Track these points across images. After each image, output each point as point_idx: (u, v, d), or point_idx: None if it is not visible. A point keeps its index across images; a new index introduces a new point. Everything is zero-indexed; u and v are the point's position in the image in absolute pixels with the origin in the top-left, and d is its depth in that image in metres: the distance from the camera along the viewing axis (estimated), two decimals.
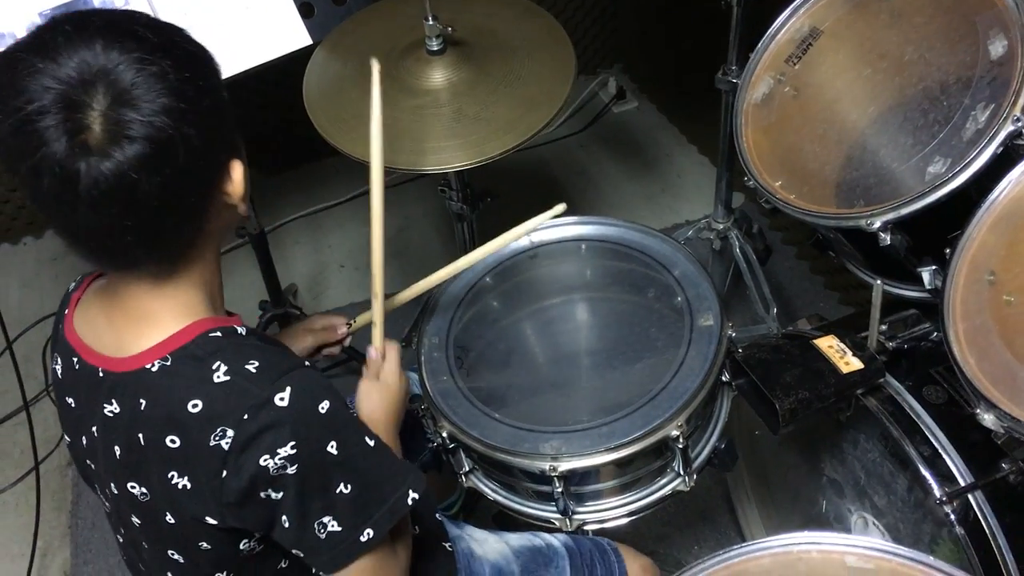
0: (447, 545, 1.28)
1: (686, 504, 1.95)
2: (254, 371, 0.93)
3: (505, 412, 1.32)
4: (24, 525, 2.11)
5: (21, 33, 1.48)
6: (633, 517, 1.34)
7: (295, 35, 1.65)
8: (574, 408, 1.32)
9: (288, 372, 0.93)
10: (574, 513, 1.33)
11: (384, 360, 1.22)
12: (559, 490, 1.27)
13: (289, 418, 0.91)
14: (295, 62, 1.67)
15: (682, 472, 1.32)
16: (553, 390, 1.36)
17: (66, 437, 1.10)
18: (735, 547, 1.04)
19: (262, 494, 0.92)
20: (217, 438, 0.90)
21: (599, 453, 1.24)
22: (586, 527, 1.34)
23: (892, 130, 1.32)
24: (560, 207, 1.31)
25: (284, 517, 0.94)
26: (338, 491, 0.95)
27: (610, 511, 1.34)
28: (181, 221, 0.92)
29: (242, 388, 0.92)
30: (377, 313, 1.26)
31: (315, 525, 0.95)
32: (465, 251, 1.78)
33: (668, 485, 1.34)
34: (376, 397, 1.18)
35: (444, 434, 1.31)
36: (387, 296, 1.29)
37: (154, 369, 0.93)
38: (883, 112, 1.35)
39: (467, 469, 1.38)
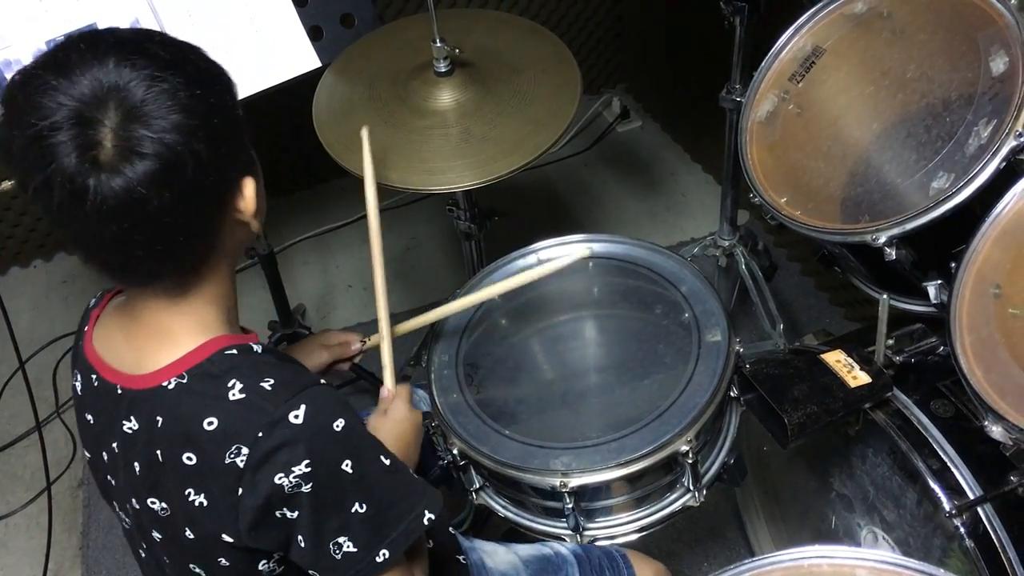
0: (460, 558, 1.28)
1: (695, 520, 1.95)
2: (269, 389, 0.93)
3: (515, 429, 1.33)
4: (36, 547, 2.12)
5: (28, 60, 1.50)
6: (643, 533, 1.35)
7: (304, 58, 1.67)
8: (584, 424, 1.33)
9: (303, 390, 0.94)
10: (584, 529, 1.33)
11: (395, 399, 1.23)
12: (569, 506, 1.27)
13: (304, 436, 0.91)
14: (304, 84, 1.69)
15: (692, 487, 1.32)
16: (563, 406, 1.37)
17: (85, 453, 1.11)
18: (745, 562, 1.04)
19: (277, 513, 0.93)
20: (232, 456, 0.91)
21: (609, 469, 1.25)
22: (597, 543, 1.34)
23: (896, 146, 1.33)
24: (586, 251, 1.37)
25: (300, 537, 0.95)
26: (353, 510, 0.95)
27: (620, 527, 1.34)
28: (192, 237, 0.93)
29: (257, 406, 0.92)
30: (386, 355, 1.31)
31: (331, 545, 0.95)
32: (473, 271, 1.80)
33: (678, 500, 1.34)
34: (383, 432, 1.18)
35: (455, 451, 1.32)
36: (394, 324, 1.33)
37: (170, 387, 0.94)
38: (886, 128, 1.36)
39: (478, 486, 1.38)
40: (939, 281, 1.26)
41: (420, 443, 1.23)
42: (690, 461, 1.27)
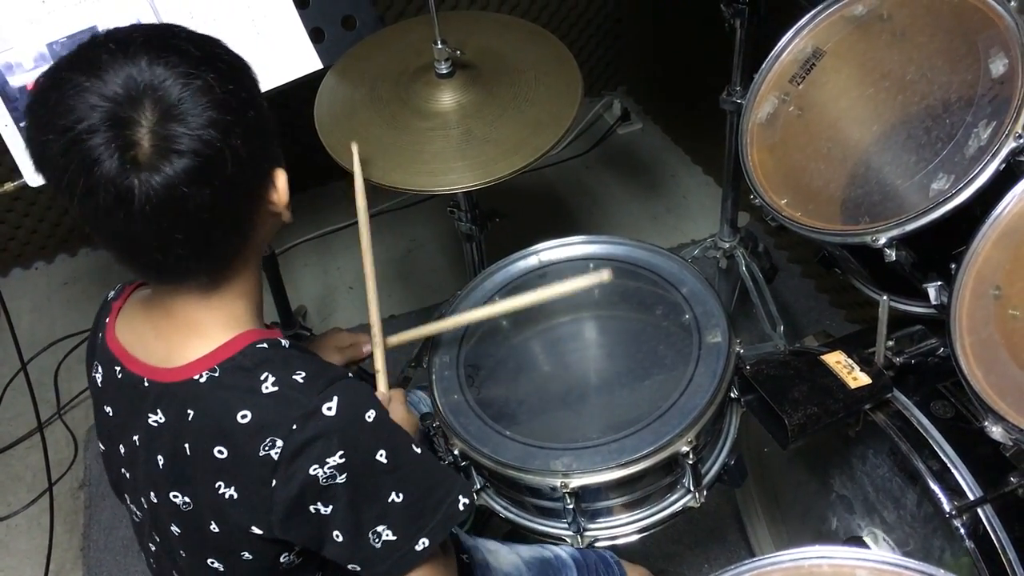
0: (464, 557, 1.29)
1: (696, 522, 1.96)
2: (301, 381, 0.94)
3: (516, 429, 1.33)
4: (37, 547, 2.12)
5: (29, 64, 1.49)
6: (644, 534, 1.35)
7: (306, 60, 1.68)
8: (584, 425, 1.33)
9: (334, 382, 0.95)
10: (585, 530, 1.33)
11: (392, 402, 1.24)
12: (570, 507, 1.28)
13: (338, 427, 0.92)
14: (304, 87, 1.69)
15: (692, 488, 1.32)
16: (563, 407, 1.37)
17: (100, 446, 1.11)
18: (745, 562, 1.04)
19: (311, 508, 0.93)
20: (266, 448, 0.91)
21: (609, 469, 1.25)
22: (597, 544, 1.35)
23: (896, 148, 1.33)
24: (607, 274, 1.33)
25: (336, 532, 0.95)
26: (390, 500, 0.96)
27: (621, 528, 1.34)
28: (230, 231, 0.94)
29: (290, 398, 0.93)
30: (379, 361, 1.31)
31: (370, 535, 0.95)
32: (474, 272, 1.81)
33: (678, 501, 1.34)
34: None
35: (455, 451, 1.32)
36: (396, 326, 1.33)
37: (202, 380, 0.95)
38: (886, 130, 1.36)
39: (478, 487, 1.38)
40: (939, 282, 1.26)
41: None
42: (690, 462, 1.27)
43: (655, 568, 1.44)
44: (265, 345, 0.97)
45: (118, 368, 1.02)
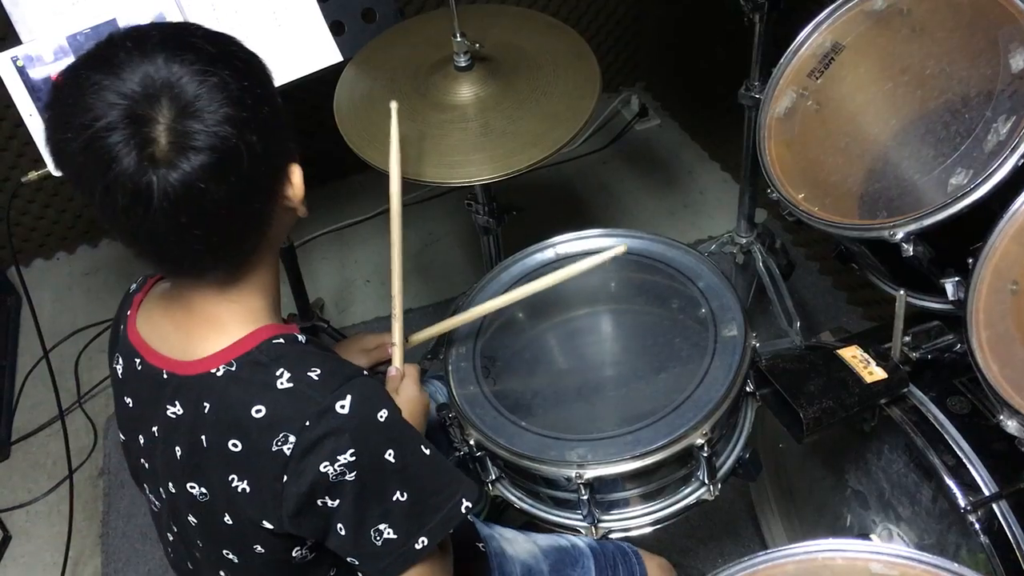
0: (480, 545, 1.30)
1: (710, 517, 1.96)
2: (316, 378, 0.95)
3: (531, 420, 1.33)
4: (56, 534, 2.15)
5: (49, 58, 1.50)
6: (658, 526, 1.35)
7: (326, 52, 1.69)
8: (599, 417, 1.34)
9: (349, 380, 0.95)
10: (599, 521, 1.34)
11: (404, 378, 1.25)
12: (584, 498, 1.28)
13: (350, 425, 0.93)
14: (322, 80, 1.70)
15: (707, 481, 1.33)
16: (578, 399, 1.38)
17: (120, 435, 1.12)
18: (759, 554, 1.04)
19: (319, 502, 0.94)
20: (279, 444, 0.92)
21: (624, 461, 1.25)
22: (611, 535, 1.35)
23: (914, 142, 1.33)
24: (621, 248, 1.34)
25: (340, 525, 0.96)
26: (394, 499, 0.97)
27: (635, 519, 1.35)
28: (247, 227, 0.95)
29: (305, 395, 0.94)
30: (397, 334, 1.32)
31: (371, 532, 0.96)
32: (491, 266, 1.82)
33: (693, 494, 1.35)
34: None
35: (471, 442, 1.33)
36: (410, 320, 1.34)
37: (219, 374, 0.96)
38: (905, 125, 1.36)
39: (493, 477, 1.39)
40: (956, 278, 1.26)
41: (427, 424, 1.24)
42: (705, 454, 1.27)
43: (669, 561, 1.44)
44: (282, 340, 0.98)
45: (138, 360, 1.03)
